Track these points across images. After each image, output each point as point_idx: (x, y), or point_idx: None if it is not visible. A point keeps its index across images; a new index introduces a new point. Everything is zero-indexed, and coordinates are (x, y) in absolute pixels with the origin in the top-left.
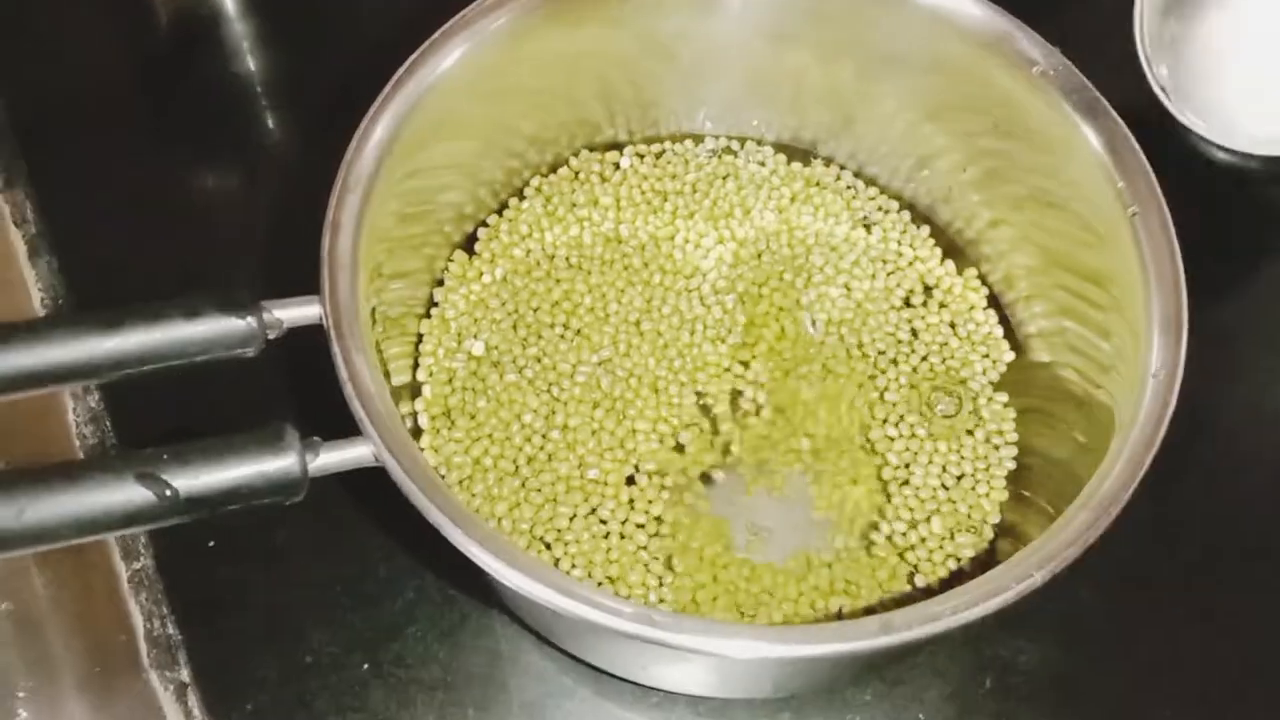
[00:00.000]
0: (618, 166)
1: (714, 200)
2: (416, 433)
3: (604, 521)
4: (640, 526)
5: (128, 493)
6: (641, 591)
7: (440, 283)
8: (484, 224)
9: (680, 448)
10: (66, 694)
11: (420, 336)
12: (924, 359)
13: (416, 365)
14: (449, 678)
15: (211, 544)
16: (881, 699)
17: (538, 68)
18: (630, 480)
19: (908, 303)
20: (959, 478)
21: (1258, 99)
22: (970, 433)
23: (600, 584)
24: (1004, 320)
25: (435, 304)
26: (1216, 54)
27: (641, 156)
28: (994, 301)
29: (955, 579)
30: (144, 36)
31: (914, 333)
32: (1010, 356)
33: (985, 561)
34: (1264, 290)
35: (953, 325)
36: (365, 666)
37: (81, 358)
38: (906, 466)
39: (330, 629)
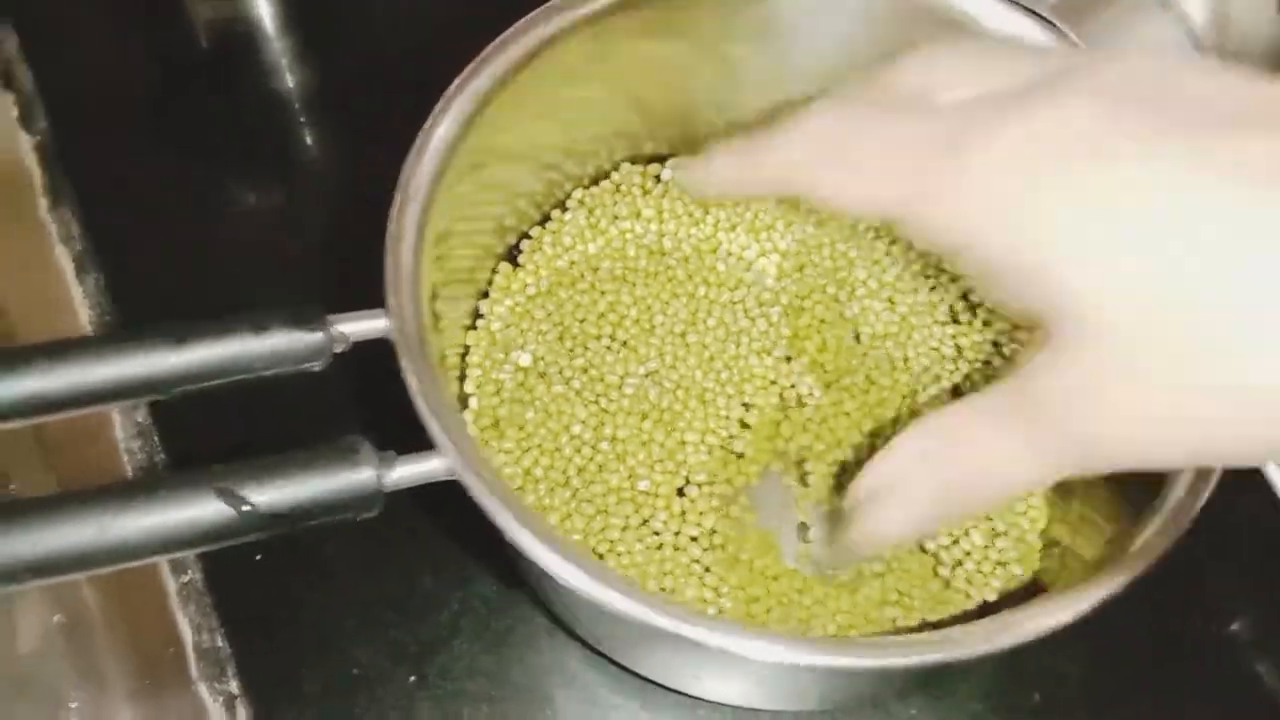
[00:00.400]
0: (659, 179)
1: (755, 213)
2: None
3: (656, 533)
4: (694, 539)
5: (208, 508)
6: (700, 606)
7: (485, 294)
8: (527, 235)
9: (736, 456)
10: (118, 705)
11: (466, 348)
12: (966, 377)
13: (463, 377)
14: (494, 690)
15: (259, 558)
16: (925, 712)
17: (585, 83)
18: (680, 492)
19: (954, 319)
20: None
21: None
22: None
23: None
24: None
25: (480, 316)
26: None
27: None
28: None
29: (1007, 591)
30: (184, 55)
31: (958, 349)
32: None
33: (1039, 573)
34: None
35: (996, 344)
36: (411, 679)
37: (148, 373)
38: None
39: (377, 643)
